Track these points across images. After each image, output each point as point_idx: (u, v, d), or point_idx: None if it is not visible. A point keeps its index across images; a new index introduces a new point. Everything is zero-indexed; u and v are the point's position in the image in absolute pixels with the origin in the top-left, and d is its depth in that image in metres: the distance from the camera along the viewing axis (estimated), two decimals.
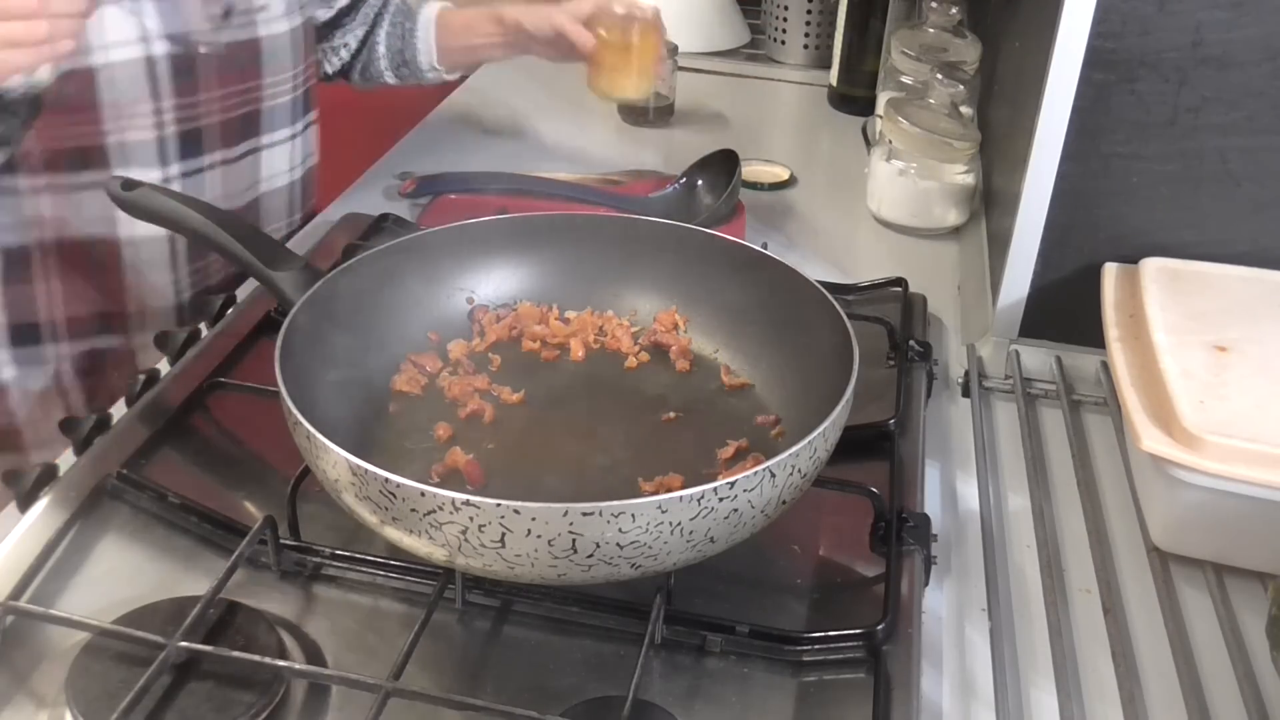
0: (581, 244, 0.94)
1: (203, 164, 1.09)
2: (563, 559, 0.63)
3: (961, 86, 1.27)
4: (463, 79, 1.67)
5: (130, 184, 0.86)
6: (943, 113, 1.26)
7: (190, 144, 1.06)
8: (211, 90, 1.05)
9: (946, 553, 0.82)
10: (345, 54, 1.31)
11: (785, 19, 1.73)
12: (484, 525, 0.62)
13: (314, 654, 0.69)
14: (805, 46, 1.74)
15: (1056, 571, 0.80)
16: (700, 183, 1.22)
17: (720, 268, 0.90)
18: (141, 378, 0.90)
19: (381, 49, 1.31)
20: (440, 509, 0.62)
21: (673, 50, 1.52)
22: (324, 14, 1.27)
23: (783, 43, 1.75)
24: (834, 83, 1.62)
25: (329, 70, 1.32)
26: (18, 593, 0.72)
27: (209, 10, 1.02)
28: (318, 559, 0.75)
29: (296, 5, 1.13)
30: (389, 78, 1.33)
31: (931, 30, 1.41)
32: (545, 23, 1.23)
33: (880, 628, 0.70)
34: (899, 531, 0.77)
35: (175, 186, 1.05)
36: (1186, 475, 0.76)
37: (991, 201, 1.25)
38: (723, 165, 1.21)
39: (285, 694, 0.65)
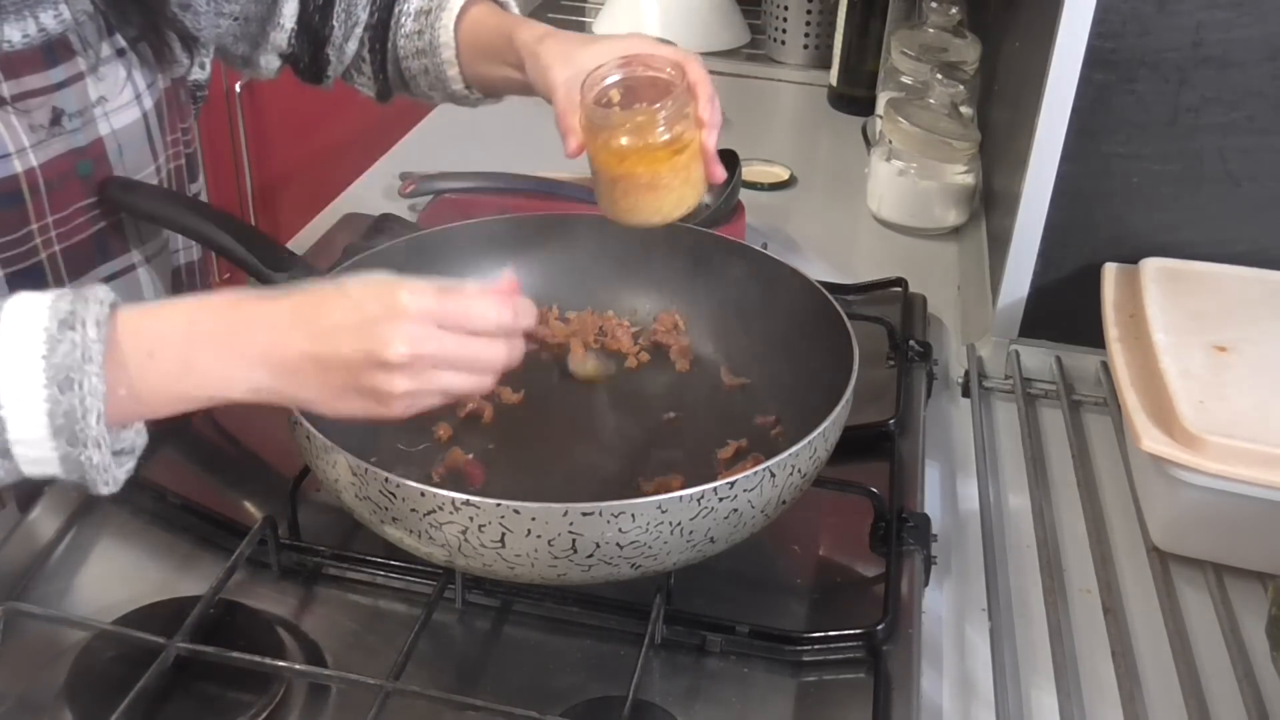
0: (582, 244, 0.93)
1: None
2: (563, 559, 0.63)
3: (961, 86, 1.27)
4: None
5: (129, 185, 0.85)
6: (943, 113, 1.26)
7: (30, 284, 0.74)
8: (45, 217, 0.81)
9: (946, 553, 0.82)
10: (368, 70, 1.02)
11: (785, 19, 1.73)
12: (484, 525, 0.62)
13: (314, 654, 0.69)
14: (805, 46, 1.74)
15: (1056, 571, 0.80)
16: None
17: (720, 268, 0.90)
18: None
19: (412, 66, 1.00)
20: (440, 509, 0.62)
21: None
22: (280, 35, 0.99)
23: (783, 43, 1.75)
24: (834, 83, 1.62)
25: (369, 94, 1.05)
26: (18, 593, 0.72)
27: (32, 121, 0.79)
28: (318, 559, 0.75)
29: (150, 79, 0.87)
30: (437, 98, 1.02)
31: (931, 30, 1.41)
32: (544, 88, 0.84)
33: (880, 628, 0.70)
34: (899, 531, 0.77)
35: None
36: (1186, 475, 0.76)
37: (991, 201, 1.25)
38: (722, 165, 1.21)
39: (285, 694, 0.65)
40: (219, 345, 0.61)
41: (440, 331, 0.61)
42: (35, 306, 0.59)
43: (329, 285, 0.62)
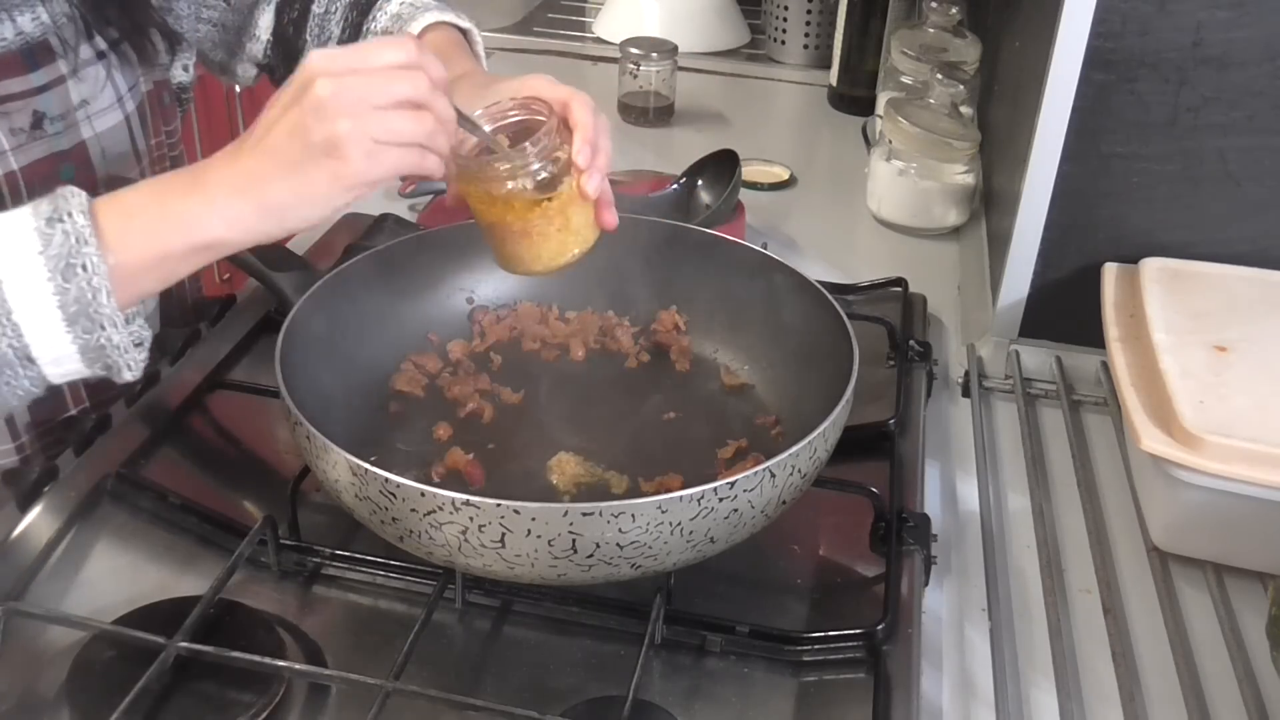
0: None
1: None
2: (563, 559, 0.63)
3: (961, 86, 1.27)
4: None
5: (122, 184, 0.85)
6: (943, 113, 1.26)
7: None
8: None
9: (946, 553, 0.82)
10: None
11: (785, 19, 1.73)
12: (484, 525, 0.62)
13: (314, 654, 0.69)
14: (805, 46, 1.74)
15: (1056, 571, 0.80)
16: (700, 183, 1.22)
17: (720, 268, 0.90)
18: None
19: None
20: (440, 509, 0.62)
21: (673, 50, 1.52)
22: (255, 47, 1.01)
23: (783, 43, 1.75)
24: (834, 83, 1.62)
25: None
26: (18, 593, 0.72)
27: (12, 124, 0.79)
28: (318, 559, 0.75)
29: (132, 81, 0.88)
30: None
31: (931, 30, 1.41)
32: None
33: (880, 628, 0.70)
34: (899, 531, 0.77)
35: None
36: (1186, 475, 0.76)
37: (991, 201, 1.25)
38: (723, 165, 1.21)
39: (285, 694, 0.65)
40: (186, 190, 0.65)
41: (356, 76, 0.64)
42: (17, 215, 0.63)
43: None
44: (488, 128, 0.74)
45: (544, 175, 0.71)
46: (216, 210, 0.64)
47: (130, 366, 0.66)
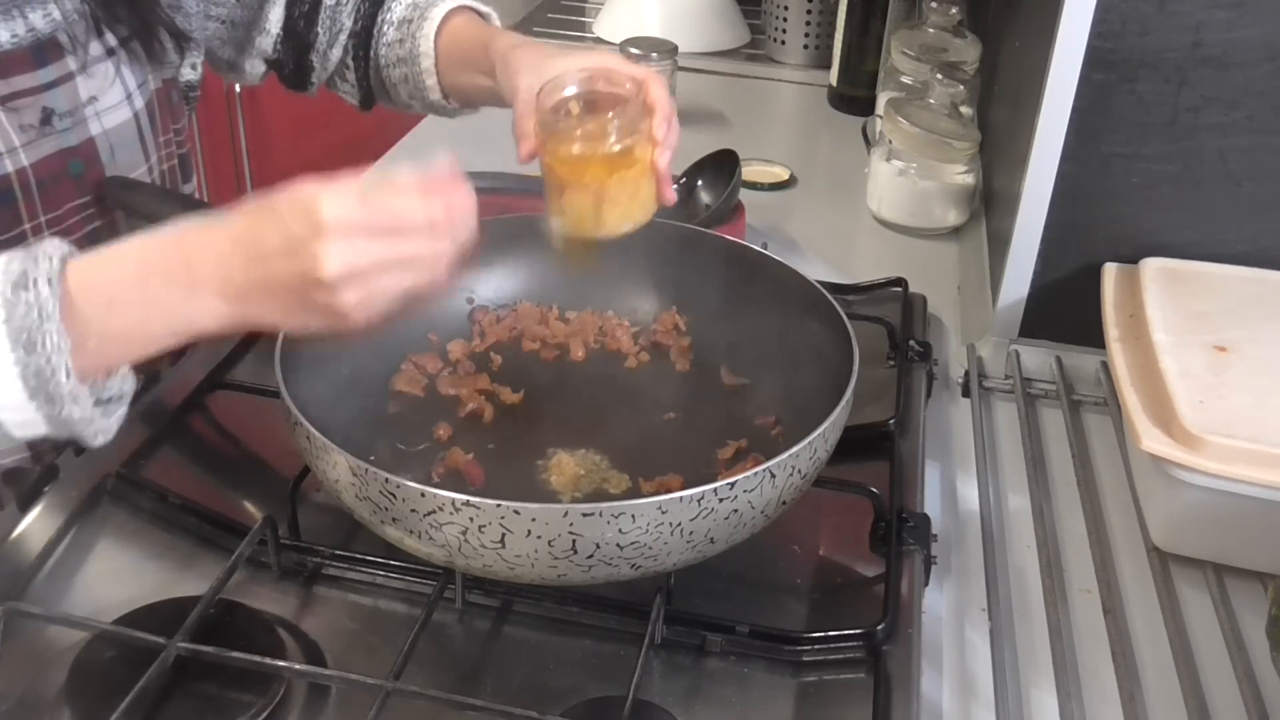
0: None
1: None
2: (563, 559, 0.63)
3: (961, 86, 1.27)
4: None
5: (129, 184, 0.85)
6: (943, 113, 1.26)
7: None
8: (37, 216, 0.81)
9: (946, 553, 0.82)
10: (351, 77, 1.03)
11: (785, 19, 1.73)
12: (484, 526, 0.62)
13: (314, 654, 0.69)
14: (805, 46, 1.74)
15: (1056, 571, 0.80)
16: (700, 183, 1.22)
17: (720, 268, 0.90)
18: (141, 378, 0.90)
19: (393, 74, 1.00)
20: (440, 509, 0.62)
21: (673, 50, 1.52)
22: (265, 41, 1.00)
23: (783, 43, 1.75)
24: (834, 83, 1.62)
25: (353, 103, 1.05)
26: (18, 593, 0.72)
27: (22, 120, 0.79)
28: (318, 559, 0.75)
29: (141, 79, 0.88)
30: (417, 108, 1.04)
31: (931, 30, 1.41)
32: (508, 92, 0.84)
33: (880, 628, 0.70)
34: (899, 531, 0.77)
35: None
36: (1186, 475, 0.76)
37: (991, 201, 1.25)
38: (723, 165, 1.21)
39: (285, 694, 0.65)
40: (174, 282, 0.61)
41: (369, 241, 0.61)
42: None
43: (261, 204, 0.62)
44: (574, 90, 0.77)
45: (628, 143, 0.75)
46: (200, 307, 0.61)
47: (96, 435, 0.63)
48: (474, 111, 1.01)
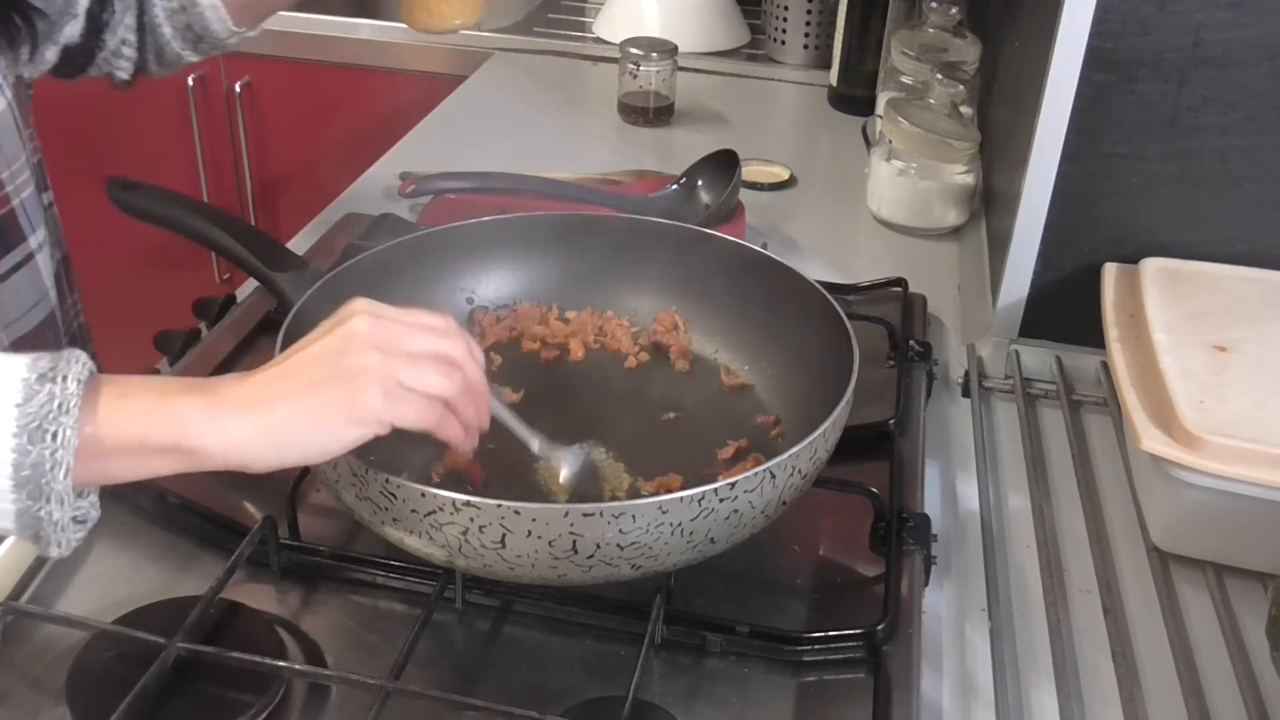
0: (581, 244, 0.93)
1: None
2: (563, 560, 0.63)
3: (961, 86, 1.27)
4: (462, 78, 1.67)
5: (128, 184, 0.85)
6: (943, 113, 1.26)
7: None
8: None
9: (946, 553, 0.82)
10: (130, 52, 1.03)
11: (785, 19, 1.73)
12: (484, 526, 0.62)
13: (314, 654, 0.69)
14: (805, 46, 1.74)
15: (1056, 571, 0.80)
16: (700, 183, 1.22)
17: (720, 268, 0.90)
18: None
19: (166, 31, 1.02)
20: (440, 509, 0.62)
21: (673, 50, 1.52)
22: (74, 28, 0.97)
23: (783, 43, 1.75)
24: (834, 83, 1.62)
25: (125, 77, 1.05)
26: (18, 593, 0.72)
27: None
28: (318, 559, 0.75)
29: (5, 70, 0.86)
30: (190, 56, 1.06)
31: (931, 30, 1.41)
32: None
33: (880, 628, 0.70)
34: (899, 531, 0.77)
35: None
36: (1186, 475, 0.76)
37: (991, 201, 1.25)
38: (723, 165, 1.21)
39: (285, 694, 0.65)
40: (191, 390, 0.61)
41: (401, 325, 0.63)
42: (11, 361, 0.58)
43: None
44: None
45: None
46: (213, 417, 0.60)
47: (61, 544, 0.61)
48: (256, 33, 1.07)
